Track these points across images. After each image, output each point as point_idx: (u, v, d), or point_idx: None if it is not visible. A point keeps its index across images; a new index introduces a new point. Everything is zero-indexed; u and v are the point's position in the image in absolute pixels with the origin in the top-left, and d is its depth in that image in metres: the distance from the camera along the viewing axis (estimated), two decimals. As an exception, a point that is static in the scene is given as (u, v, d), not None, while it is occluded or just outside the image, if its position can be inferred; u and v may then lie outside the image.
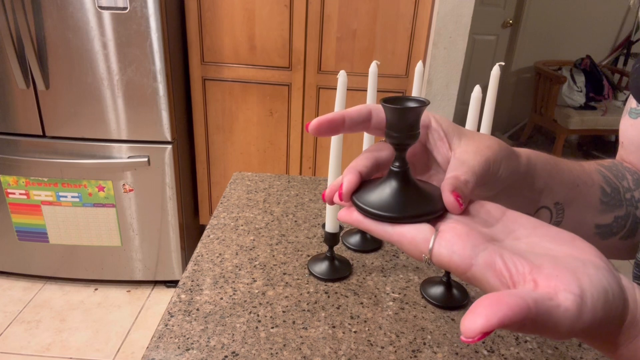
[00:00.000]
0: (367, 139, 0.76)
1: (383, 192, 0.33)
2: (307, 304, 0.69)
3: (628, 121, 0.53)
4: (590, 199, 0.45)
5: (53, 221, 1.85)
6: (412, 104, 0.33)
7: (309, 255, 0.80)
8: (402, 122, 0.33)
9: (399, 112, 0.33)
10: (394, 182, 0.34)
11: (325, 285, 0.73)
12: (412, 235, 0.31)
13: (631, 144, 0.52)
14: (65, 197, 1.80)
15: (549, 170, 0.42)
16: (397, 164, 0.34)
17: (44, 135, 1.73)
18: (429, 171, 0.39)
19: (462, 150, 0.36)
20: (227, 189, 1.02)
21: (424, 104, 0.33)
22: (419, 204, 0.33)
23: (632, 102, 0.53)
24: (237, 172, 1.10)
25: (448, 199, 0.32)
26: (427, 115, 0.37)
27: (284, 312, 0.67)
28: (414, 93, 0.75)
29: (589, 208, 0.45)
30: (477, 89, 0.64)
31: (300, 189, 1.03)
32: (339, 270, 0.75)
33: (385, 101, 0.33)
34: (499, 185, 0.37)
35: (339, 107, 0.65)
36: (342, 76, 0.63)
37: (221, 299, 0.69)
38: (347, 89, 0.65)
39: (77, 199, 1.81)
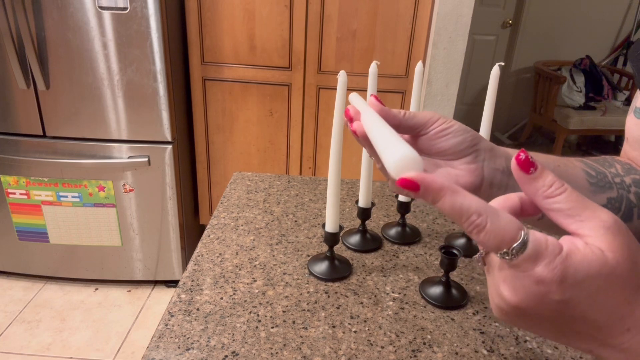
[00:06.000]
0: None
1: None
2: (307, 303, 0.69)
3: (633, 120, 0.55)
4: (577, 179, 0.47)
5: (53, 221, 1.85)
6: None
7: (309, 255, 0.80)
8: None
9: None
10: None
11: (325, 285, 0.73)
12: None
13: (635, 142, 0.54)
14: (66, 197, 1.80)
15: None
16: None
17: (44, 135, 1.73)
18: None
19: None
20: (227, 189, 1.02)
21: None
22: None
23: (638, 100, 0.54)
24: (237, 172, 1.10)
25: (370, 97, 0.43)
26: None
27: (284, 312, 0.67)
28: (414, 93, 0.75)
29: (580, 188, 0.47)
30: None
31: (300, 189, 1.04)
32: (339, 270, 0.75)
33: None
34: (467, 141, 0.43)
35: (339, 107, 0.65)
36: (342, 76, 0.63)
37: (221, 298, 0.69)
38: (347, 89, 0.65)
39: (78, 199, 1.81)
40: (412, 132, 0.44)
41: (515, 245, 0.29)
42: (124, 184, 1.79)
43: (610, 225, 0.29)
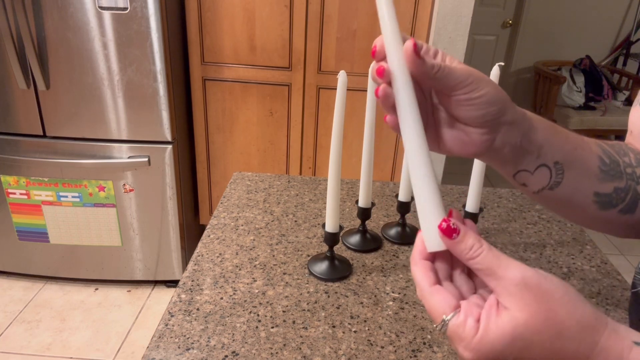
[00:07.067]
0: (367, 140, 0.76)
1: None
2: (307, 303, 0.69)
3: (638, 112, 0.55)
4: (589, 165, 0.47)
5: (53, 221, 1.85)
6: None
7: (309, 255, 0.80)
8: None
9: None
10: None
11: (325, 285, 0.73)
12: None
13: None
14: (66, 197, 1.80)
15: (547, 128, 0.45)
16: None
17: (44, 135, 1.73)
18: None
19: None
20: (227, 189, 1.02)
21: None
22: None
23: None
24: (237, 172, 1.10)
25: (407, 43, 0.37)
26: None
27: (284, 312, 0.67)
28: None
29: (589, 174, 0.47)
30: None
31: (300, 189, 1.04)
32: (339, 270, 0.75)
33: None
34: (489, 115, 0.40)
35: (339, 107, 0.65)
36: (342, 76, 0.63)
37: (221, 298, 0.69)
38: (347, 89, 0.65)
39: (78, 199, 1.81)
40: (439, 88, 0.41)
41: (437, 325, 0.35)
42: (124, 184, 1.79)
43: (518, 282, 0.33)
